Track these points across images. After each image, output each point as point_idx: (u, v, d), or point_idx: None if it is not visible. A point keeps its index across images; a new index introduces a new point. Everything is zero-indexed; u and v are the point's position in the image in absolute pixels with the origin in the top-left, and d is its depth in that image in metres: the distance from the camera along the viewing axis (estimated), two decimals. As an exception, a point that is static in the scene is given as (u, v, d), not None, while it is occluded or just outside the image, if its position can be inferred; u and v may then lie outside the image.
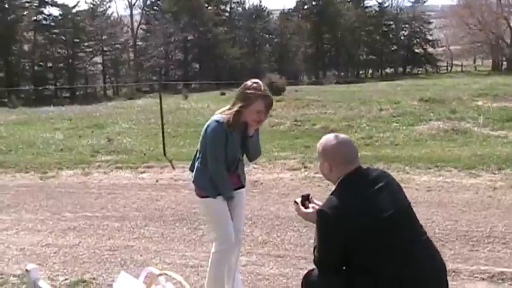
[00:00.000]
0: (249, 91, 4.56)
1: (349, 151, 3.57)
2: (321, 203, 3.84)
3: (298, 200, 3.92)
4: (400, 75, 74.90)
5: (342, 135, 3.69)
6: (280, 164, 11.69)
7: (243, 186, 5.01)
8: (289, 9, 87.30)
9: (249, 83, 4.63)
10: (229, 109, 4.64)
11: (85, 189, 10.54)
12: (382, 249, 3.27)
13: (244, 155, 4.93)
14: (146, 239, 7.36)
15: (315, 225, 3.54)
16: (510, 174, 9.92)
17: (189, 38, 72.84)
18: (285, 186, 9.98)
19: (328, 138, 3.64)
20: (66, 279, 6.01)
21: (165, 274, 3.16)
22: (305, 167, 11.31)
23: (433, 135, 14.78)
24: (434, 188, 9.30)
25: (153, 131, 18.55)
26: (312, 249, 3.63)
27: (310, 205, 3.88)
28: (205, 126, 4.66)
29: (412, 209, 3.56)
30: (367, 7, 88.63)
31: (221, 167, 4.62)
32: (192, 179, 4.87)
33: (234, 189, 4.84)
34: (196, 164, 4.80)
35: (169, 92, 47.97)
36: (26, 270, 3.67)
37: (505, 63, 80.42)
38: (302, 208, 3.87)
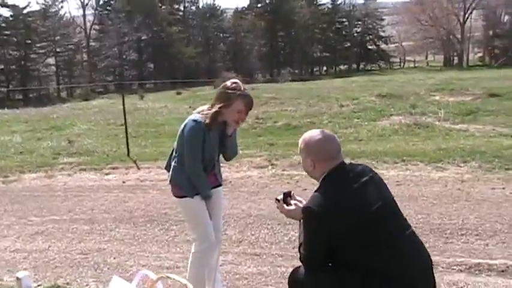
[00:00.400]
0: (229, 91, 4.52)
1: (332, 146, 3.53)
2: (302, 199, 3.83)
3: (280, 197, 3.87)
4: (354, 72, 75.49)
5: (324, 131, 3.65)
6: (247, 161, 11.64)
7: (220, 185, 4.97)
8: (243, 7, 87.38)
9: (228, 83, 4.60)
10: (209, 109, 4.58)
11: (50, 192, 10.32)
12: (369, 243, 3.25)
13: (221, 155, 4.91)
14: (118, 241, 7.23)
15: (297, 222, 3.51)
16: (475, 167, 10.06)
17: (143, 37, 72.30)
18: (254, 184, 9.93)
19: (311, 134, 3.60)
20: (39, 286, 5.84)
21: (167, 277, 3.03)
22: (272, 165, 11.29)
23: (395, 130, 14.90)
24: (403, 182, 9.36)
25: (113, 132, 18.32)
26: (297, 247, 3.59)
27: (292, 202, 3.84)
28: (183, 125, 4.61)
29: (396, 203, 3.55)
30: (320, 4, 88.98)
31: (198, 166, 4.57)
32: (169, 179, 4.81)
33: (212, 188, 4.80)
34: (173, 163, 4.73)
35: (124, 92, 47.41)
36: (17, 278, 3.54)
37: (456, 58, 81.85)
38: (284, 205, 3.82)
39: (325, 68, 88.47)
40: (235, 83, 4.58)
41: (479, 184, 8.97)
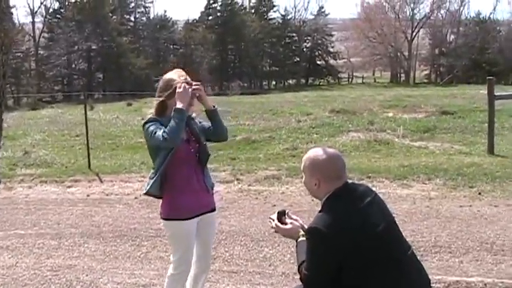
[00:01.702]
0: (167, 78, 4.45)
1: (339, 165, 3.49)
2: (298, 218, 3.78)
3: (274, 216, 3.81)
4: (303, 86, 75.94)
5: (330, 149, 3.60)
6: (211, 176, 11.49)
7: (213, 209, 4.70)
8: (194, 19, 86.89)
9: (167, 74, 4.52)
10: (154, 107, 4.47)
11: (12, 205, 9.99)
12: (375, 264, 3.22)
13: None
14: (88, 257, 7.03)
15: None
16: (440, 184, 10.17)
17: (93, 47, 71.30)
18: (222, 199, 9.81)
19: (317, 152, 3.54)
20: (10, 304, 5.62)
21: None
22: (237, 179, 11.21)
23: (356, 146, 14.96)
24: (371, 199, 9.38)
25: (69, 143, 17.96)
26: (298, 266, 3.51)
27: (288, 221, 3.77)
28: (144, 132, 4.44)
29: (396, 223, 3.52)
30: (271, 19, 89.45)
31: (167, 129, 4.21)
32: (145, 191, 4.56)
33: (205, 212, 4.58)
34: (150, 174, 4.56)
35: (72, 102, 46.73)
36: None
37: (403, 75, 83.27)
38: (280, 225, 3.75)
39: (274, 82, 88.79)
40: (173, 72, 4.51)
41: (446, 202, 9.06)
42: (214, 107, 4.54)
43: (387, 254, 3.26)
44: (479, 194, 9.49)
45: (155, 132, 4.22)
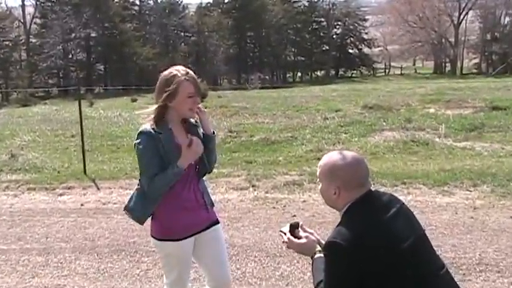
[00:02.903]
0: (167, 77, 4.28)
1: (362, 172, 3.43)
2: (314, 232, 3.75)
3: (286, 229, 3.76)
4: (332, 79, 75.92)
5: (351, 153, 3.55)
6: (224, 182, 11.51)
7: (216, 222, 4.60)
8: (208, 3, 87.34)
9: (165, 72, 4.37)
10: (153, 113, 4.31)
11: (-6, 216, 10.07)
12: (401, 284, 3.15)
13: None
14: (80, 276, 7.04)
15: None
16: (487, 192, 10.06)
17: (92, 35, 71.84)
18: (235, 208, 9.77)
19: (335, 156, 3.46)
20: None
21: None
22: (253, 186, 11.17)
23: (390, 148, 14.90)
24: (406, 208, 9.31)
25: (63, 145, 18.06)
26: (314, 286, 3.47)
27: (303, 234, 3.73)
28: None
29: (427, 236, 3.46)
30: (295, 2, 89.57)
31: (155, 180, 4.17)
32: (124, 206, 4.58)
33: (203, 230, 4.51)
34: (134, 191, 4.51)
35: (69, 97, 47.11)
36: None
37: (448, 65, 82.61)
38: (293, 239, 3.71)
39: (299, 74, 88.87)
40: (172, 68, 4.35)
41: (494, 212, 8.96)
42: (213, 133, 4.49)
43: (414, 273, 3.19)
44: (534, 203, 9.39)
45: (144, 168, 4.23)
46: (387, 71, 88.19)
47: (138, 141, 4.19)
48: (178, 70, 4.28)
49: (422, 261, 3.27)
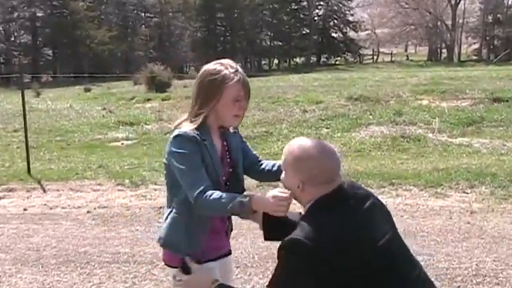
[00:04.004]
0: (213, 77, 3.87)
1: (332, 166, 3.30)
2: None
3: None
4: (313, 66, 75.96)
5: (321, 142, 3.47)
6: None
7: (229, 253, 4.33)
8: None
9: (209, 66, 3.96)
10: (195, 115, 3.91)
11: None
12: (380, 285, 3.15)
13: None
14: (22, 292, 7.02)
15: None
16: (486, 194, 10.15)
17: (38, 14, 71.38)
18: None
19: (304, 144, 3.33)
20: None
21: None
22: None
23: (378, 144, 14.99)
24: (395, 212, 9.33)
25: (5, 140, 17.97)
26: None
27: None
28: (167, 149, 3.87)
29: (400, 236, 3.45)
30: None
31: (205, 192, 3.71)
32: (160, 240, 4.07)
33: (220, 257, 4.21)
34: (167, 216, 4.01)
35: (12, 86, 46.77)
36: None
37: (444, 50, 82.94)
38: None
39: (276, 61, 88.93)
40: (218, 63, 3.95)
41: (493, 216, 9.05)
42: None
43: (391, 276, 3.19)
44: (538, 207, 9.49)
45: (191, 180, 3.76)
46: (375, 57, 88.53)
47: (178, 148, 3.82)
48: (226, 66, 3.90)
49: (399, 262, 3.28)
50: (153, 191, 11.10)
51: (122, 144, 17.44)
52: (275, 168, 4.18)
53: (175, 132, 3.84)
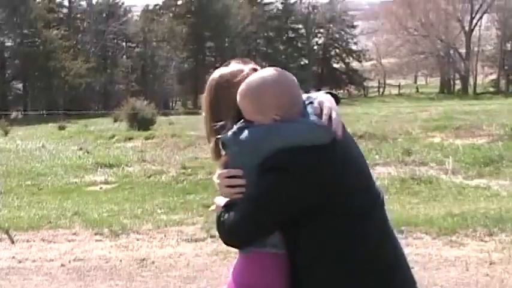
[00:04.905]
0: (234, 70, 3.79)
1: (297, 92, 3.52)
2: None
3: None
4: (313, 100, 75.89)
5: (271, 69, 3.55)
6: (175, 232, 11.47)
7: None
8: (156, 5, 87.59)
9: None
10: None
11: None
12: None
13: None
14: None
15: None
16: (507, 242, 10.09)
17: (7, 44, 71.71)
18: (189, 265, 9.72)
19: (263, 74, 3.48)
20: None
21: None
22: (211, 236, 11.11)
23: (385, 187, 14.95)
24: (405, 263, 9.32)
25: (-32, 185, 17.91)
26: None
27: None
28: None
29: None
30: (266, 4, 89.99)
31: None
32: None
33: None
34: None
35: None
36: None
37: (458, 82, 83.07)
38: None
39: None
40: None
41: (515, 267, 9.01)
42: None
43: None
44: None
45: None
46: (382, 90, 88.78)
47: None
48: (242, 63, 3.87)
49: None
50: (135, 240, 10.99)
51: (101, 188, 17.39)
52: None
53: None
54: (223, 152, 3.55)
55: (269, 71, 3.45)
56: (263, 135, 3.31)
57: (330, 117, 3.37)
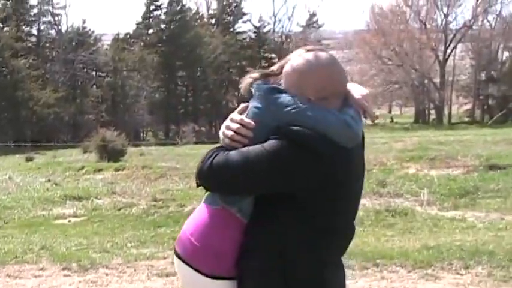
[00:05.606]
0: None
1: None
2: None
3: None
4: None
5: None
6: (145, 266, 11.39)
7: None
8: (127, 34, 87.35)
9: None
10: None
11: None
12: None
13: None
14: None
15: None
16: (484, 275, 10.09)
17: (-27, 73, 71.40)
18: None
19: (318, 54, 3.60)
20: None
21: None
22: (184, 271, 11.07)
23: (359, 219, 14.94)
24: (379, 298, 9.33)
25: None
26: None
27: None
28: None
29: None
30: (239, 33, 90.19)
31: None
32: None
33: None
34: None
35: None
36: None
37: (432, 111, 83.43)
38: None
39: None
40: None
41: (493, 301, 9.02)
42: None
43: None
44: (544, 290, 9.47)
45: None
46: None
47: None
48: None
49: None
50: (104, 275, 10.86)
51: (69, 221, 17.27)
52: None
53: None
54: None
55: (326, 55, 3.57)
56: (297, 107, 3.39)
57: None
